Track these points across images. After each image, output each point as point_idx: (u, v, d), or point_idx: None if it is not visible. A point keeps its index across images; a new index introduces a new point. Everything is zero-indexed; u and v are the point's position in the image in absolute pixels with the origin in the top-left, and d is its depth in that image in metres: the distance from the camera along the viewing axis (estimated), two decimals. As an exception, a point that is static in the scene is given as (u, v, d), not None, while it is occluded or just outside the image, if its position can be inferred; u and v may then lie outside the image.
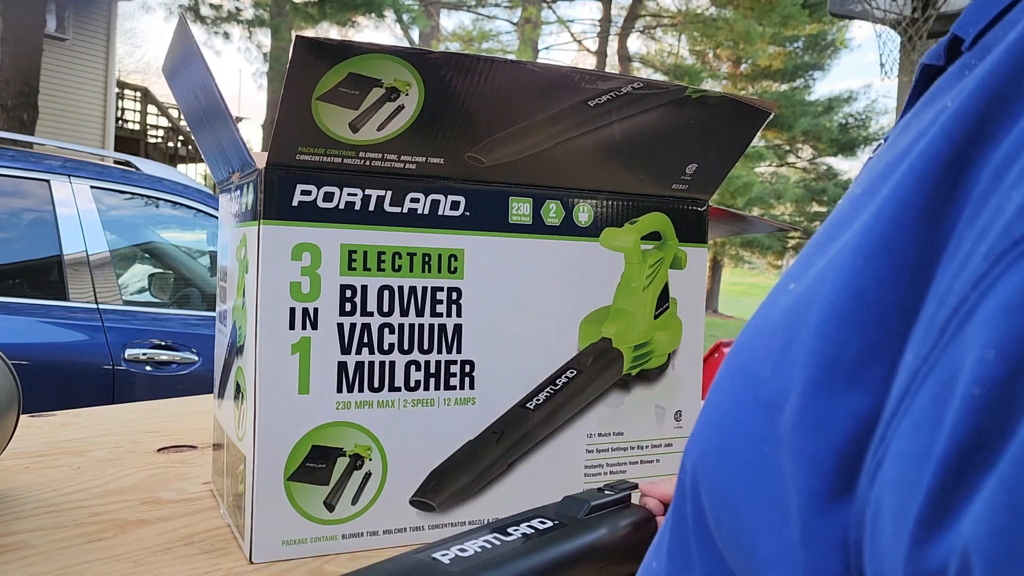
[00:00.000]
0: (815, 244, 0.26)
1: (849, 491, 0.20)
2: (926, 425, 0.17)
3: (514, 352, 0.62)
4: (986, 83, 0.20)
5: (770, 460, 0.22)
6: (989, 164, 0.19)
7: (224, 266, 0.67)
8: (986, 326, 0.16)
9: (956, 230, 0.19)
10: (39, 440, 0.84)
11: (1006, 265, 0.16)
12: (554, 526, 0.48)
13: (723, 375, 0.27)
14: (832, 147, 16.06)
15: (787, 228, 0.84)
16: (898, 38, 5.52)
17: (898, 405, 0.19)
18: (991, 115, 0.20)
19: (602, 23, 16.57)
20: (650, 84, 0.59)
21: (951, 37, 0.27)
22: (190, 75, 0.57)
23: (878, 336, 0.20)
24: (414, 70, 0.52)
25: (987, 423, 0.16)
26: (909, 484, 0.17)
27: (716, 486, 0.24)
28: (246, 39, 13.12)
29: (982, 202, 0.19)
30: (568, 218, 0.64)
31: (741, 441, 0.24)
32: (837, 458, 0.20)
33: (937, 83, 0.26)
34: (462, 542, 0.44)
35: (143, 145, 12.31)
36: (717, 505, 0.24)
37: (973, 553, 0.15)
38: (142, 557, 0.54)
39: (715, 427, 0.25)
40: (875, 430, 0.19)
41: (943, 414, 0.17)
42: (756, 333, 0.25)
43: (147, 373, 2.02)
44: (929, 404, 0.17)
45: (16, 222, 2.13)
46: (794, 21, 13.90)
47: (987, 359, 0.16)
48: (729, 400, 0.25)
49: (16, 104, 5.97)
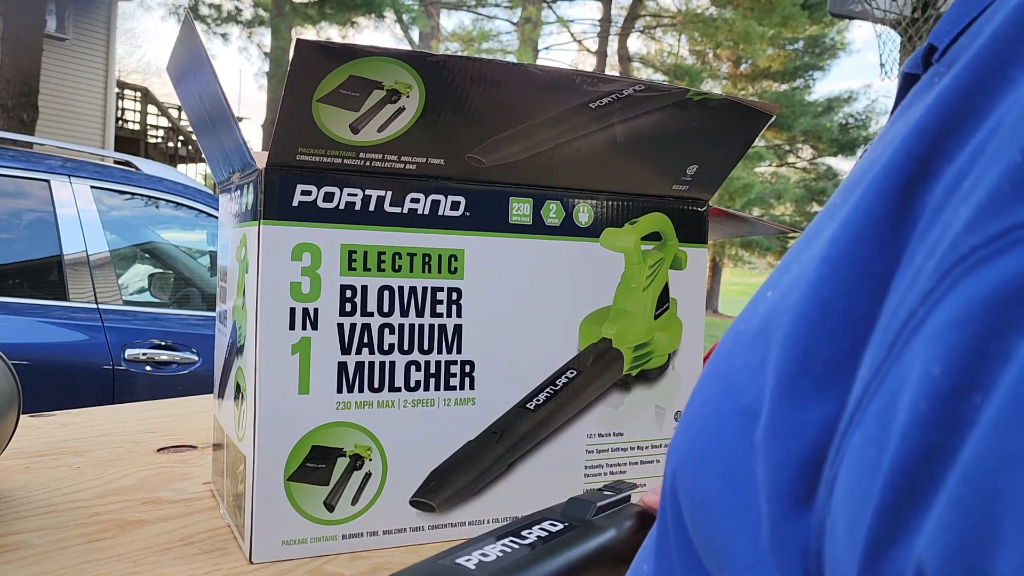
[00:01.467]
0: (793, 251, 0.26)
1: (811, 500, 0.20)
2: (875, 439, 0.17)
3: (514, 352, 0.62)
4: (945, 97, 0.20)
5: (745, 467, 0.22)
6: (944, 178, 0.19)
7: (224, 266, 0.67)
8: (932, 341, 0.16)
9: (911, 243, 0.19)
10: (39, 440, 0.84)
11: (952, 281, 0.17)
12: (565, 528, 0.49)
13: (704, 380, 0.27)
14: (832, 147, 16.07)
15: (787, 230, 0.84)
16: (898, 38, 5.52)
17: (851, 417, 0.19)
18: (948, 130, 0.20)
19: (602, 23, 16.58)
20: (652, 86, 0.59)
21: (927, 45, 0.27)
22: (196, 79, 0.58)
23: (845, 345, 0.20)
24: (415, 72, 0.52)
25: (934, 439, 0.16)
26: (860, 498, 0.17)
27: (693, 491, 0.24)
28: (246, 39, 13.13)
29: (935, 217, 0.19)
30: (568, 218, 0.64)
31: (718, 447, 0.24)
32: (803, 465, 0.20)
33: (912, 92, 0.26)
34: (481, 547, 0.45)
35: (143, 145, 12.31)
36: (694, 510, 0.24)
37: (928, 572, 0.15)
38: (142, 557, 0.54)
39: (694, 433, 0.26)
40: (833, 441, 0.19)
41: (891, 428, 0.17)
42: (737, 340, 0.26)
43: (147, 373, 2.02)
44: (879, 417, 0.18)
45: (16, 222, 2.13)
46: (794, 22, 13.91)
47: (933, 374, 0.16)
48: (709, 406, 0.25)
49: (16, 104, 5.97)
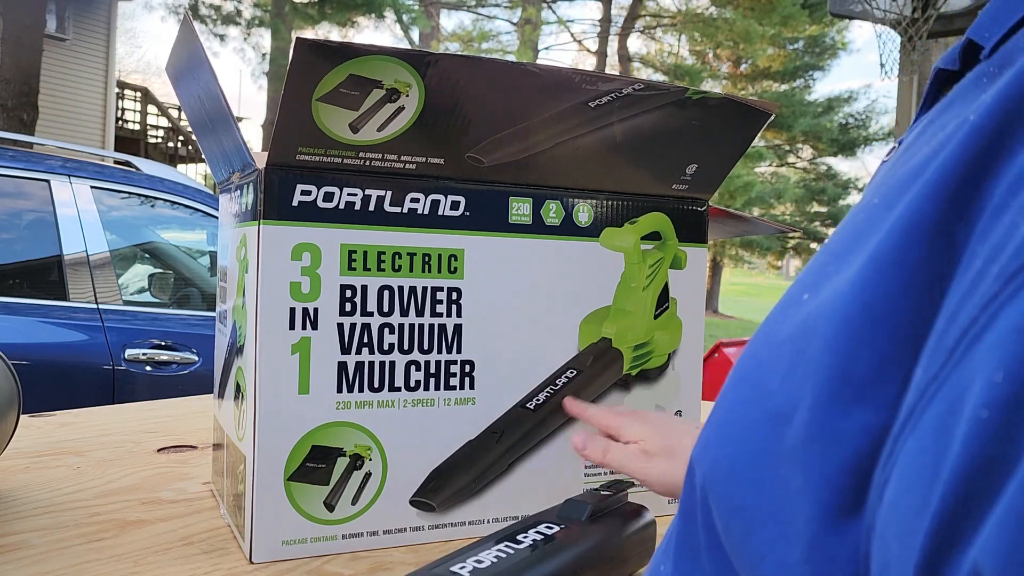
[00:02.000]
0: (831, 254, 0.25)
1: (859, 507, 0.19)
2: (932, 446, 0.17)
3: (514, 352, 0.62)
4: (1006, 96, 0.20)
5: (776, 473, 0.22)
6: (1004, 179, 0.19)
7: (224, 266, 0.67)
8: (995, 348, 0.16)
9: (968, 246, 0.19)
10: (39, 440, 0.84)
11: (1017, 286, 0.16)
12: (561, 531, 0.49)
13: (732, 384, 0.26)
14: (832, 147, 16.06)
15: (787, 229, 0.84)
16: (898, 38, 5.52)
17: (905, 423, 0.18)
18: (1009, 129, 0.19)
19: (602, 23, 16.58)
20: (651, 85, 0.59)
21: (967, 42, 0.26)
22: (195, 79, 0.58)
23: (890, 351, 0.20)
24: (414, 71, 0.52)
25: (995, 446, 0.15)
26: (916, 505, 0.17)
27: (725, 498, 0.24)
28: (245, 39, 13.13)
29: (994, 218, 0.18)
30: (568, 218, 0.64)
31: (748, 454, 0.23)
32: (848, 474, 0.20)
33: (955, 89, 0.26)
34: (476, 553, 0.45)
35: (143, 145, 12.30)
36: (726, 517, 0.24)
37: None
38: (142, 557, 0.54)
39: (724, 439, 0.25)
40: (884, 447, 0.19)
41: (950, 435, 0.16)
42: (766, 343, 0.25)
43: (147, 373, 2.02)
44: (936, 424, 0.17)
45: (16, 222, 2.13)
46: (794, 21, 13.90)
47: (995, 381, 0.16)
48: (738, 411, 0.25)
49: (16, 104, 5.97)
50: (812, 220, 16.80)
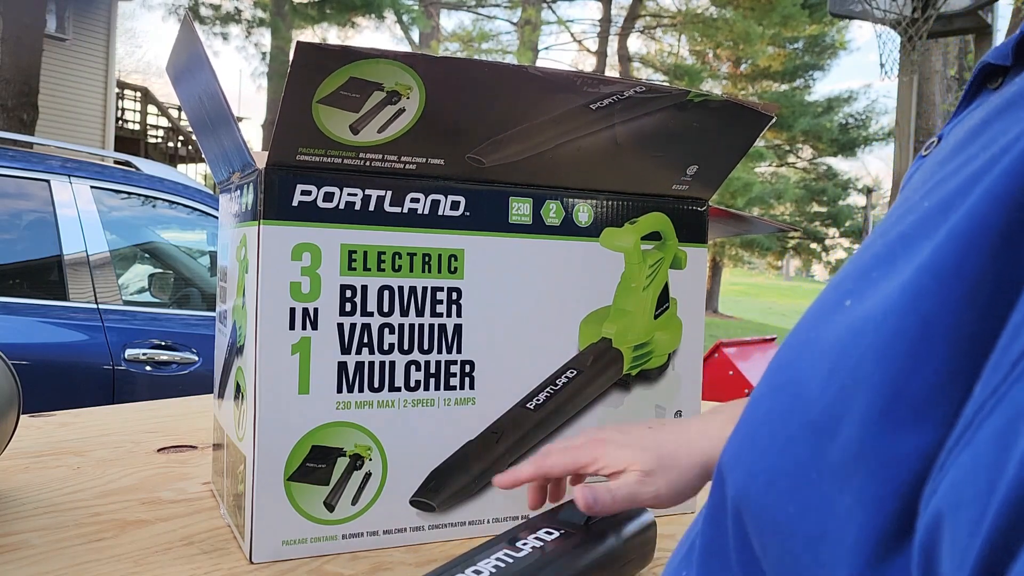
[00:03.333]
0: (875, 257, 0.24)
1: (910, 531, 0.19)
2: (988, 461, 0.16)
3: (514, 352, 0.62)
4: None
5: (818, 491, 0.21)
6: None
7: (224, 266, 0.67)
8: None
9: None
10: (39, 440, 0.84)
11: None
12: (561, 535, 0.48)
13: (765, 392, 0.25)
14: (832, 147, 16.07)
15: (787, 228, 0.84)
16: (898, 38, 5.52)
17: (960, 436, 0.18)
18: None
19: (602, 23, 16.57)
20: (652, 88, 0.59)
21: (1021, 36, 0.25)
22: (195, 79, 0.58)
23: (949, 366, 0.18)
24: (415, 74, 0.52)
25: None
26: (970, 520, 0.16)
27: (763, 513, 0.23)
28: (245, 39, 13.12)
29: None
30: (568, 218, 0.64)
31: (789, 467, 0.22)
32: (901, 499, 0.19)
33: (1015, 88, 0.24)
34: (475, 561, 0.44)
35: (143, 145, 12.30)
36: (764, 532, 0.23)
37: None
38: (142, 557, 0.54)
39: (759, 449, 0.24)
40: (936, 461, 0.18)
41: (1008, 452, 0.16)
42: (804, 350, 0.24)
43: (147, 373, 2.02)
44: (993, 439, 0.17)
45: (16, 222, 2.12)
46: (794, 21, 13.90)
47: None
48: (774, 420, 0.24)
49: (16, 104, 5.97)
50: (812, 220, 16.80)
